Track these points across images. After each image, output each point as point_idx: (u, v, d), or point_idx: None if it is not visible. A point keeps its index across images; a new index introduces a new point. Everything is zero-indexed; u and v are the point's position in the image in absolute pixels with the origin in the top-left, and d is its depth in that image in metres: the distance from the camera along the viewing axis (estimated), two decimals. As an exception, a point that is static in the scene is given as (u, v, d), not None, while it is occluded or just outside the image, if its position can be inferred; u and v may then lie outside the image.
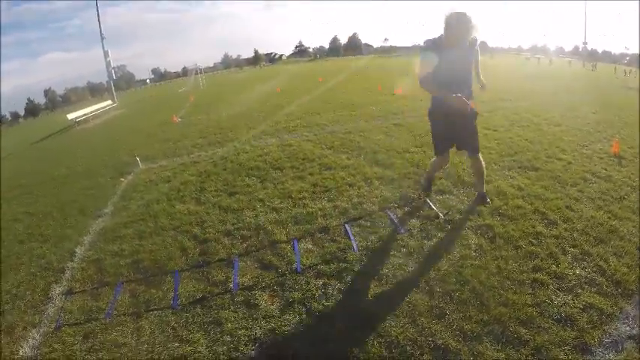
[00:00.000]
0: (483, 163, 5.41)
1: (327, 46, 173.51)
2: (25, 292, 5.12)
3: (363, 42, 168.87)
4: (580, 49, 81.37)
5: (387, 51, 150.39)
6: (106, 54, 44.89)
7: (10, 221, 8.19)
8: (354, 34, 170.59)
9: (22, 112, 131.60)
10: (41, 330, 4.26)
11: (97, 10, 44.29)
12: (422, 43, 5.21)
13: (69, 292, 4.85)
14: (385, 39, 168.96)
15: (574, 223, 4.80)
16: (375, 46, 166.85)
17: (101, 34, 44.26)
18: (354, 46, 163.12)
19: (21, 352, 3.99)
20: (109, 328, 3.99)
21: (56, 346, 3.93)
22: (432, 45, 4.99)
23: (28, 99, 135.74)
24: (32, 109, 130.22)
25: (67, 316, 4.39)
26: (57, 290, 4.99)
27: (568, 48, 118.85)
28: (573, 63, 54.69)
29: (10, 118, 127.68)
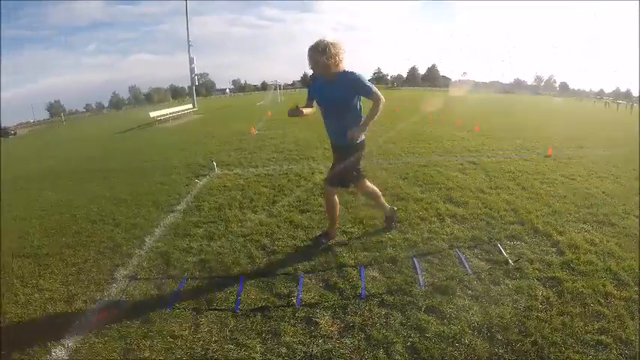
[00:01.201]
0: (336, 200, 5.58)
1: (405, 75, 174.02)
2: (91, 269, 5.37)
3: (441, 74, 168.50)
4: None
5: (465, 85, 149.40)
6: (191, 60, 46.85)
7: (85, 200, 8.57)
8: (433, 65, 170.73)
9: (106, 104, 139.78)
10: (101, 306, 4.43)
11: (187, 18, 46.29)
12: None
13: (133, 277, 5.01)
14: (464, 73, 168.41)
15: (647, 286, 4.55)
16: (453, 80, 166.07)
17: (188, 41, 46.18)
18: (432, 78, 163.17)
19: (77, 322, 4.16)
20: (168, 319, 4.09)
21: (113, 324, 4.06)
22: (313, 77, 5.24)
23: (114, 93, 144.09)
24: (116, 103, 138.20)
25: (128, 299, 4.55)
26: (122, 273, 5.17)
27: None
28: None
29: (94, 107, 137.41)
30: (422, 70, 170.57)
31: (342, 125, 5.04)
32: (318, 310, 4.10)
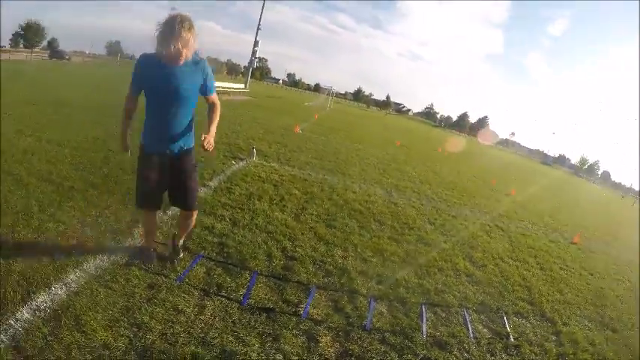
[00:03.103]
0: (194, 220, 4.73)
1: (454, 117, 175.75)
2: (110, 216, 5.43)
3: (491, 127, 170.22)
4: None
5: (509, 145, 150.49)
6: (256, 43, 48.23)
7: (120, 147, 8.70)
8: (485, 117, 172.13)
9: None
10: (112, 257, 4.44)
11: (263, 2, 47.52)
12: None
13: (149, 239, 5.02)
14: (512, 133, 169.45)
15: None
16: (500, 136, 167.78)
17: (259, 24, 47.41)
18: (479, 128, 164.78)
19: (85, 266, 4.18)
20: (175, 291, 4.09)
21: (120, 279, 4.09)
22: (146, 59, 3.90)
23: None
24: None
25: (140, 259, 4.52)
26: (140, 231, 5.15)
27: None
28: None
29: None
30: (472, 119, 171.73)
31: (182, 125, 4.11)
32: (321, 328, 4.10)
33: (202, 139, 3.88)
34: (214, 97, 4.25)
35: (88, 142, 8.87)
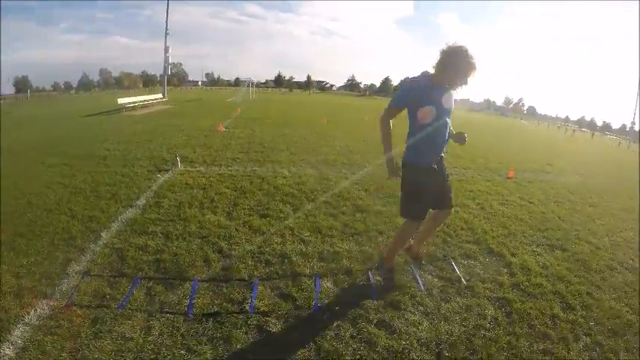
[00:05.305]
0: None
1: (378, 84, 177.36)
2: (43, 261, 5.20)
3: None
4: (627, 129, 79.81)
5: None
6: (166, 49, 46.83)
7: (42, 187, 8.38)
8: (406, 77, 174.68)
9: (75, 84, 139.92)
10: (51, 303, 4.30)
11: (167, 4, 46.44)
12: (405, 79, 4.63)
13: (86, 273, 4.90)
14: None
15: (592, 311, 4.67)
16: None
17: (166, 29, 46.19)
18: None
19: (27, 319, 4.03)
20: (119, 319, 4.02)
21: (63, 322, 3.97)
22: (422, 82, 4.40)
23: (84, 73, 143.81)
24: (86, 84, 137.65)
25: (79, 296, 4.43)
26: (75, 268, 5.04)
27: (615, 126, 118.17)
28: (622, 143, 54.28)
29: (62, 87, 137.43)
30: (395, 81, 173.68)
31: (447, 137, 4.72)
32: (270, 319, 4.11)
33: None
34: None
35: (5, 192, 8.50)
